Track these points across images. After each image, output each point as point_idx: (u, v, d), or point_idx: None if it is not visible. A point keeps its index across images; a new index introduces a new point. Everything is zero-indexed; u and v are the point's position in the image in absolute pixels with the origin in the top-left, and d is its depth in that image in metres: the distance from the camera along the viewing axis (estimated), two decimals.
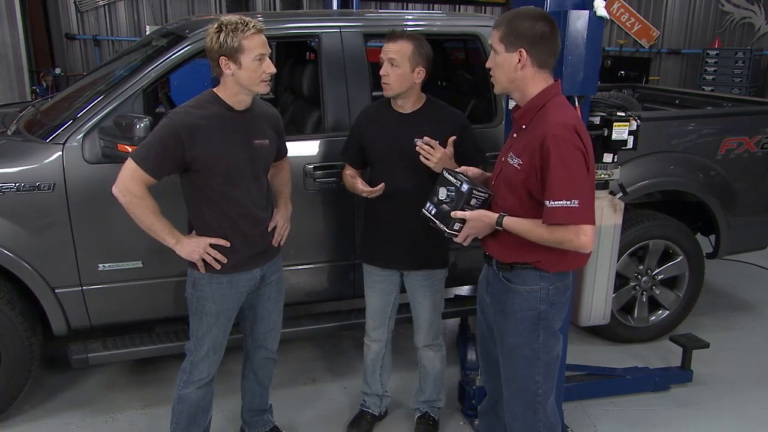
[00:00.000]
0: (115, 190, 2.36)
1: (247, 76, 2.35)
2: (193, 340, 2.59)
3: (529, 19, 2.08)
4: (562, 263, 2.16)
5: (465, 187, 2.22)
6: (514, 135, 2.22)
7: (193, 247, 2.44)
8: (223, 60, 2.33)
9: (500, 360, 2.33)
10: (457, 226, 2.23)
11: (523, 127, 2.16)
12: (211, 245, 2.46)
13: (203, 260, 2.47)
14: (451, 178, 2.27)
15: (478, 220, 2.18)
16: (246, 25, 2.31)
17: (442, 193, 2.29)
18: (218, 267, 2.48)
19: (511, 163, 2.14)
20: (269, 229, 2.63)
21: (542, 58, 2.09)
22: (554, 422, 2.34)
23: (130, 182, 2.33)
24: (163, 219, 2.40)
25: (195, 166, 2.39)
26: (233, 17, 2.35)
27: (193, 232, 2.51)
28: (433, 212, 2.31)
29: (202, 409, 2.68)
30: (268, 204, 2.64)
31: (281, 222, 2.68)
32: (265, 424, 2.98)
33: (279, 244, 2.69)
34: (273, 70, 2.41)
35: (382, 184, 2.70)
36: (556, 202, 2.01)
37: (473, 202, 2.22)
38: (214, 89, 2.47)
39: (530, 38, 2.06)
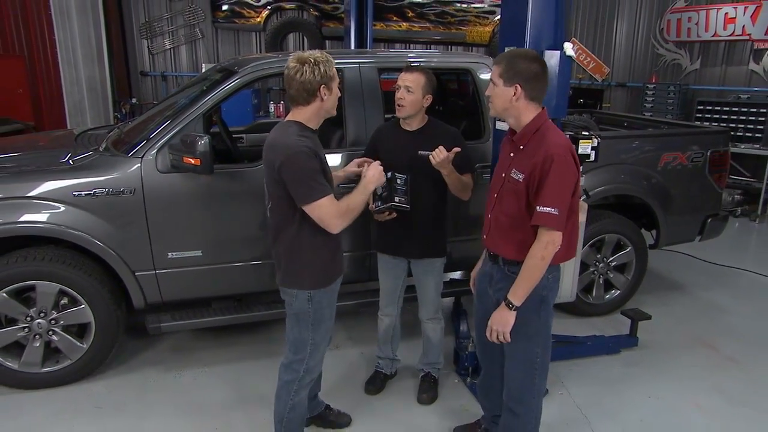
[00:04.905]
0: (335, 230, 2.10)
1: (333, 100, 2.15)
2: (308, 348, 2.26)
3: (526, 60, 2.03)
4: (558, 258, 2.09)
5: (389, 173, 2.41)
6: (511, 154, 2.13)
7: (377, 172, 2.24)
8: (323, 89, 2.09)
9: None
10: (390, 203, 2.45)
11: (521, 147, 2.09)
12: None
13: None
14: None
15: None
16: (329, 57, 2.12)
17: (378, 190, 2.47)
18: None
19: (515, 177, 2.07)
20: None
21: (534, 92, 2.04)
22: (541, 387, 2.26)
23: (333, 215, 2.07)
24: (345, 199, 2.14)
25: None
26: (314, 52, 2.12)
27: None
28: (379, 204, 2.50)
29: (305, 408, 2.42)
30: None
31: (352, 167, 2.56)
32: (318, 405, 2.75)
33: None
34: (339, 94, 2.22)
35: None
36: (544, 208, 1.97)
37: (398, 181, 2.44)
38: (293, 119, 2.14)
39: (525, 76, 2.01)
